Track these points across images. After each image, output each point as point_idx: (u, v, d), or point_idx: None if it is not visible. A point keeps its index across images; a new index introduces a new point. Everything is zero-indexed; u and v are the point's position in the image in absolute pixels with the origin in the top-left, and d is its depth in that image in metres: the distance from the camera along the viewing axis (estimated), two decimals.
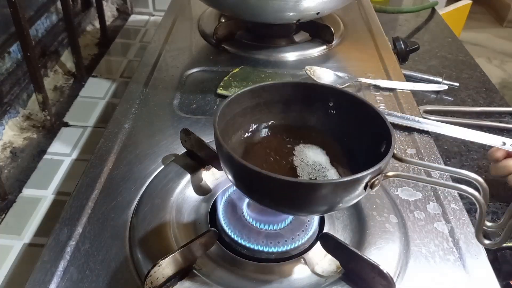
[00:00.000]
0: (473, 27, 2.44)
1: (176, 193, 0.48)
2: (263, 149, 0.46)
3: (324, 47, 0.79)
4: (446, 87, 0.79)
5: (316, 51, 0.78)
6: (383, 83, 0.69)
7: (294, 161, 0.44)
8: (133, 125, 0.59)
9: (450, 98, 0.79)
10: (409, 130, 0.60)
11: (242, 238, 0.43)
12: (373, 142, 0.41)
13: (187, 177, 0.50)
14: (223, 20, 0.84)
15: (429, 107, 0.74)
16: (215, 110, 0.41)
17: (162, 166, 0.52)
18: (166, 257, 0.38)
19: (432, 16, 1.10)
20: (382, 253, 0.43)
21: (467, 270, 0.43)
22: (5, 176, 0.61)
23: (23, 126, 0.70)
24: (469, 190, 0.34)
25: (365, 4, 0.96)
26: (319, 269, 0.42)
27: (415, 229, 0.46)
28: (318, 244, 0.43)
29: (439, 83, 0.80)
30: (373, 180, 0.35)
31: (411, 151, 0.57)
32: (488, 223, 0.36)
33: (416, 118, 0.61)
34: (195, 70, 0.73)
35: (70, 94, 0.79)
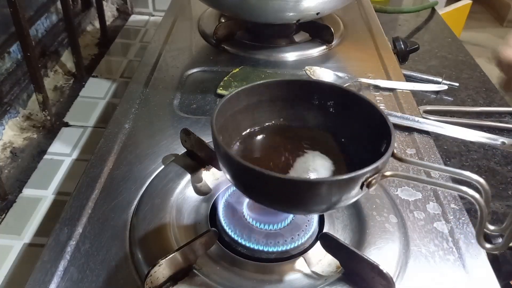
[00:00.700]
0: (473, 27, 2.44)
1: (176, 193, 0.48)
2: (262, 147, 0.46)
3: (324, 47, 0.79)
4: (446, 87, 0.79)
5: (316, 51, 0.78)
6: (383, 83, 0.69)
7: (292, 160, 0.44)
8: (133, 125, 0.59)
9: (450, 98, 0.79)
10: (409, 130, 0.60)
11: (242, 238, 0.43)
12: (374, 142, 0.41)
13: (187, 177, 0.50)
14: (223, 20, 0.84)
15: (429, 107, 0.74)
16: (214, 108, 0.40)
17: (162, 166, 0.52)
18: (166, 257, 0.38)
19: (432, 16, 1.10)
20: (382, 253, 0.43)
21: (467, 270, 0.43)
22: (5, 176, 0.61)
23: (23, 126, 0.70)
24: (470, 192, 0.33)
25: (365, 4, 0.96)
26: (319, 269, 0.42)
27: (415, 229, 0.46)
28: (318, 244, 0.43)
29: (439, 83, 0.80)
30: (370, 180, 0.35)
31: (411, 151, 0.57)
32: (491, 227, 0.35)
33: (416, 118, 0.61)
34: (195, 70, 0.73)
35: (70, 94, 0.79)
